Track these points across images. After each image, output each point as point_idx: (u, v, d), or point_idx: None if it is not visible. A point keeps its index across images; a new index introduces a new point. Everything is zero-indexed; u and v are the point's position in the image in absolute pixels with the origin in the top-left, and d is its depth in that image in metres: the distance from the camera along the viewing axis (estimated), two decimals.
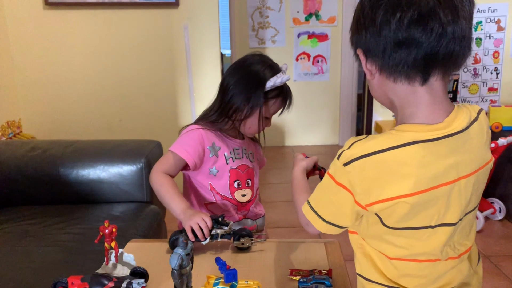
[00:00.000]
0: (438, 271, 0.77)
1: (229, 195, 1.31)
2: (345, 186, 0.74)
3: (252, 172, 1.36)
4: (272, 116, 1.30)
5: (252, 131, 1.29)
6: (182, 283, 0.87)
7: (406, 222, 0.73)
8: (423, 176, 0.70)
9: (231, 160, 1.31)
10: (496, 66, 3.17)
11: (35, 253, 1.43)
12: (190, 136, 1.26)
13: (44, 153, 1.88)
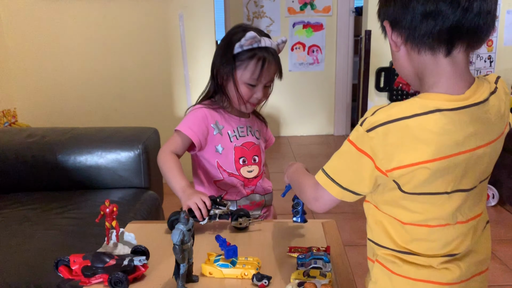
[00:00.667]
0: (448, 236, 0.79)
1: (236, 172, 1.33)
2: (366, 152, 0.75)
3: (259, 149, 1.38)
4: (258, 83, 1.26)
5: (239, 100, 1.28)
6: (183, 258, 0.88)
7: (424, 188, 0.76)
8: (444, 144, 0.73)
9: (235, 138, 1.33)
10: (489, 54, 3.20)
11: (35, 237, 1.44)
12: (194, 114, 1.30)
13: (42, 140, 1.88)
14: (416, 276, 0.80)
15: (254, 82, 1.26)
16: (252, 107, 1.33)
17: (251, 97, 1.29)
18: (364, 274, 0.84)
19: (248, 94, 1.28)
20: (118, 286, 0.91)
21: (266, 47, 1.25)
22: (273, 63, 1.26)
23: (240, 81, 1.27)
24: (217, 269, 0.96)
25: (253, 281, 0.93)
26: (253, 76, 1.25)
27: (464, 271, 0.81)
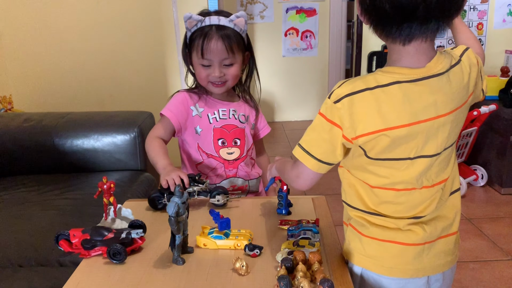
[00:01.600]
0: (413, 200, 0.85)
1: (215, 153, 1.35)
2: (335, 122, 0.81)
3: (242, 133, 1.38)
4: (210, 62, 1.27)
5: (202, 82, 1.32)
6: (178, 230, 0.93)
7: (387, 154, 0.81)
8: (403, 113, 0.78)
9: (214, 119, 1.35)
10: (480, 37, 3.24)
11: (33, 217, 1.48)
12: (175, 98, 1.37)
13: (38, 124, 1.92)
14: (383, 237, 0.87)
15: (204, 61, 1.27)
16: (218, 87, 1.32)
17: (209, 77, 1.29)
18: None
19: (204, 74, 1.29)
20: (117, 258, 0.96)
21: (211, 25, 1.25)
22: (218, 40, 1.24)
23: (195, 63, 1.30)
24: (211, 240, 1.01)
25: (245, 251, 0.97)
26: (198, 54, 1.26)
27: (428, 233, 0.87)
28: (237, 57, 1.30)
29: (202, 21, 1.26)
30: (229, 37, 1.26)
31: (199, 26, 1.26)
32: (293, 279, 0.84)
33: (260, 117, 1.48)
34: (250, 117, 1.43)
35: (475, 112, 2.58)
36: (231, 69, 1.30)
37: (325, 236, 1.06)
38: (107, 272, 0.93)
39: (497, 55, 3.24)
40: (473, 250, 2.16)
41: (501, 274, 1.96)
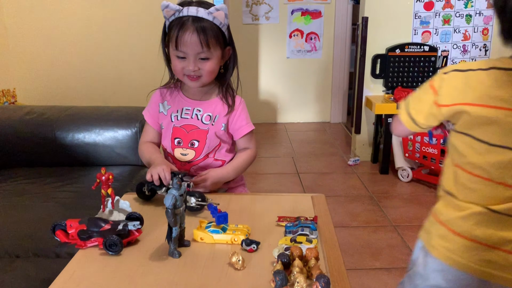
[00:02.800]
0: (489, 192, 0.89)
1: (171, 151, 1.34)
2: (434, 87, 0.93)
3: (203, 134, 1.31)
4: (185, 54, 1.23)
5: (178, 74, 1.30)
6: (175, 222, 0.92)
7: (468, 130, 0.89)
8: (488, 94, 0.86)
9: (175, 118, 1.33)
10: (485, 43, 3.23)
11: (33, 208, 1.48)
12: (152, 97, 1.40)
13: (40, 117, 1.92)
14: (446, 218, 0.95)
15: (179, 53, 1.24)
16: (192, 81, 1.27)
17: (184, 70, 1.25)
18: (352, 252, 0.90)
19: (179, 66, 1.26)
20: (113, 249, 0.95)
21: (188, 16, 1.20)
22: (194, 32, 1.19)
23: (171, 54, 1.28)
24: (208, 234, 1.00)
25: (242, 246, 0.97)
26: (173, 46, 1.23)
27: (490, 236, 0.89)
28: (214, 52, 1.25)
29: (180, 11, 1.21)
30: (205, 31, 1.20)
31: (176, 15, 1.22)
32: (289, 275, 0.84)
33: (238, 116, 1.35)
34: (220, 117, 1.33)
35: None
36: (207, 64, 1.25)
37: (323, 233, 1.05)
38: (102, 263, 0.92)
39: None
40: None
41: None
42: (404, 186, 2.99)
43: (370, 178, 3.15)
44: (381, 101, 3.15)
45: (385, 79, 3.26)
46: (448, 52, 3.23)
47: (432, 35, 3.22)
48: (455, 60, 3.26)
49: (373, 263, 2.07)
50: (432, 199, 2.75)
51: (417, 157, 2.91)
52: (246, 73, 4.47)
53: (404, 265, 2.05)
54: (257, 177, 3.18)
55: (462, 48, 3.24)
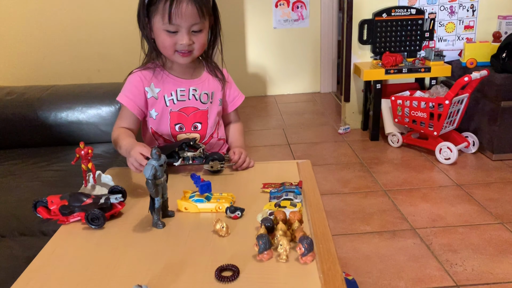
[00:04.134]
0: None
1: (172, 139, 1.27)
2: None
3: (204, 115, 1.27)
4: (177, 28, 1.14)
5: (167, 51, 1.19)
6: (157, 192, 0.91)
7: None
8: None
9: (171, 102, 1.24)
10: (472, 3, 3.18)
11: (18, 188, 1.46)
12: (129, 81, 1.24)
13: (21, 97, 1.88)
14: None
15: (170, 27, 1.14)
16: (184, 57, 1.19)
17: (176, 45, 1.16)
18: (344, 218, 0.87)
19: (170, 41, 1.16)
20: (95, 223, 0.94)
21: None
22: (189, 2, 1.11)
23: (159, 29, 1.16)
24: (192, 204, 0.99)
25: (226, 214, 0.96)
26: (164, 19, 1.13)
27: None
28: (206, 23, 1.18)
29: None
30: (203, 2, 1.13)
31: None
32: (273, 238, 0.83)
33: (229, 88, 1.33)
34: (216, 93, 1.29)
35: (466, 78, 2.56)
36: (200, 36, 1.17)
37: (308, 197, 1.04)
38: (85, 237, 0.91)
39: (489, 21, 3.19)
40: (463, 214, 2.16)
41: (490, 237, 1.97)
42: (394, 152, 3.00)
43: (360, 145, 3.15)
44: (369, 67, 3.12)
45: (373, 45, 3.22)
46: (435, 15, 3.19)
47: None
48: (442, 23, 3.22)
49: (365, 228, 2.09)
50: (422, 162, 2.76)
51: (407, 121, 2.91)
52: (233, 45, 4.40)
53: (395, 228, 2.07)
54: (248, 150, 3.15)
55: (449, 10, 3.19)
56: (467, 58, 2.90)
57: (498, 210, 2.19)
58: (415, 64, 3.05)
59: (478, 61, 2.89)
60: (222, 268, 0.76)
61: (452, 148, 2.69)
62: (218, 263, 0.78)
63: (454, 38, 3.25)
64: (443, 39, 3.25)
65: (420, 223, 2.11)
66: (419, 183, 2.51)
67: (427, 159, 2.82)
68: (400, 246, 1.94)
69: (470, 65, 2.90)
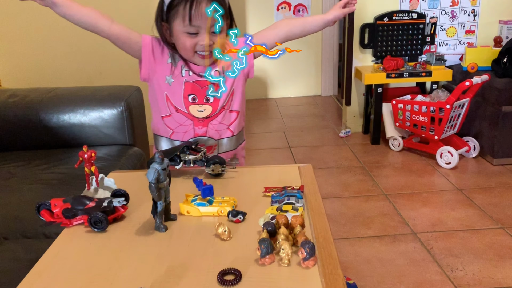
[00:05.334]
0: None
1: (184, 109, 1.27)
2: None
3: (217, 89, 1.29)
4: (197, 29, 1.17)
5: (187, 53, 1.22)
6: (159, 196, 0.92)
7: None
8: None
9: (187, 73, 1.25)
10: (473, 8, 3.19)
11: (20, 190, 1.47)
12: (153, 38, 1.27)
13: (24, 100, 1.89)
14: None
15: (191, 28, 1.17)
16: (204, 59, 1.22)
17: (196, 46, 1.19)
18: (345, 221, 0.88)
19: (190, 43, 1.19)
20: (98, 226, 0.94)
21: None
22: (208, 3, 1.14)
23: (179, 32, 1.19)
24: (194, 207, 1.00)
25: (228, 218, 0.96)
26: (185, 21, 1.16)
27: None
28: (224, 24, 1.20)
29: None
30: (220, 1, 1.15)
31: None
32: (275, 243, 0.84)
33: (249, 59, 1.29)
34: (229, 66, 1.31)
35: (467, 82, 2.56)
36: (219, 38, 1.20)
37: (309, 201, 1.04)
38: (88, 240, 0.92)
39: (490, 25, 3.20)
40: (463, 219, 2.17)
41: (491, 242, 1.97)
42: (395, 155, 3.00)
43: (361, 149, 3.16)
44: (370, 71, 3.12)
45: (374, 49, 3.23)
46: (437, 19, 3.20)
47: (420, 1, 3.17)
48: (443, 27, 3.23)
49: (366, 231, 2.09)
50: (423, 167, 2.77)
51: (408, 125, 2.91)
52: None
53: (396, 232, 2.08)
54: (249, 153, 3.17)
55: (450, 14, 3.20)
56: (468, 62, 2.91)
57: (499, 215, 2.19)
58: (416, 68, 3.06)
59: (479, 66, 2.89)
60: (224, 272, 0.77)
61: (453, 153, 2.70)
62: (220, 267, 0.78)
63: (455, 43, 3.26)
64: (444, 43, 3.26)
65: (420, 227, 2.11)
66: (420, 187, 2.52)
67: (428, 163, 2.82)
68: (400, 250, 1.94)
69: (471, 69, 2.90)
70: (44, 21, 2.97)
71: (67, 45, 3.04)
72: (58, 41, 3.03)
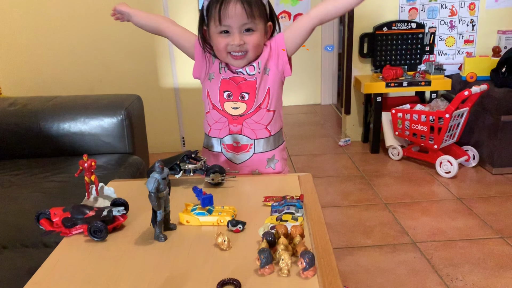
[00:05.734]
0: None
1: (219, 106, 1.29)
2: None
3: (252, 85, 1.27)
4: (228, 28, 1.20)
5: (221, 54, 1.24)
6: (159, 206, 0.92)
7: None
8: None
9: (223, 69, 1.28)
10: (472, 18, 3.21)
11: (19, 199, 1.47)
12: None
13: (24, 108, 1.89)
14: None
15: (222, 28, 1.20)
16: (238, 60, 1.24)
17: (228, 46, 1.21)
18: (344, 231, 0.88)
19: (223, 43, 1.21)
20: (98, 235, 0.95)
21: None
22: (237, 2, 1.17)
23: (214, 33, 1.23)
24: (194, 217, 1.00)
25: (228, 227, 0.96)
26: (216, 22, 1.19)
27: None
28: (259, 24, 1.21)
29: None
30: (249, 1, 1.18)
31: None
32: (275, 253, 0.84)
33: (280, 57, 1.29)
34: (263, 62, 1.27)
35: (466, 92, 2.57)
36: (252, 37, 1.20)
37: (309, 211, 1.05)
38: (87, 249, 0.92)
39: (489, 35, 3.22)
40: (463, 228, 2.16)
41: (491, 252, 1.97)
42: (395, 164, 3.00)
43: (361, 157, 3.16)
44: (369, 80, 3.14)
45: (373, 58, 3.25)
46: (436, 29, 3.22)
47: (419, 11, 3.20)
48: (442, 37, 3.25)
49: (365, 241, 2.09)
50: (422, 176, 2.77)
51: (407, 134, 2.92)
52: None
53: (396, 242, 2.07)
54: None
55: (449, 24, 3.22)
56: (467, 72, 2.92)
57: (499, 224, 2.19)
58: (416, 77, 3.08)
59: (478, 75, 2.91)
60: (223, 282, 0.77)
61: (452, 162, 2.70)
62: (220, 277, 0.78)
63: (454, 52, 3.28)
64: (443, 53, 3.27)
65: (420, 236, 2.11)
66: (419, 197, 2.51)
67: (428, 173, 2.83)
68: (400, 259, 1.93)
69: (470, 79, 2.92)
70: (44, 32, 2.99)
71: (68, 53, 3.06)
72: (59, 50, 3.04)
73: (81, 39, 3.05)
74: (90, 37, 3.06)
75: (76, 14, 3.00)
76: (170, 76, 3.19)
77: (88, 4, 2.99)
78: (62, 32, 3.02)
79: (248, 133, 1.30)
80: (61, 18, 2.99)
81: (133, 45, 3.11)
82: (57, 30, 3.01)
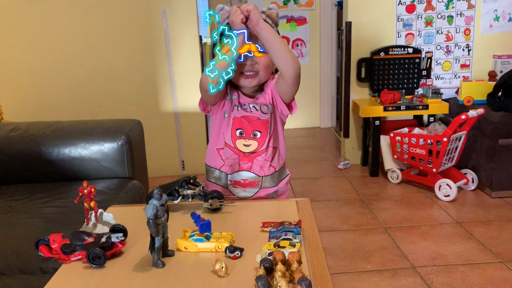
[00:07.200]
0: None
1: (231, 143, 1.31)
2: None
3: (264, 125, 1.31)
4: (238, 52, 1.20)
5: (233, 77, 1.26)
6: (157, 232, 0.92)
7: None
8: None
9: (236, 108, 1.31)
10: (467, 43, 3.27)
11: (19, 225, 1.47)
12: None
13: (25, 133, 1.91)
14: None
15: None
16: (249, 79, 1.26)
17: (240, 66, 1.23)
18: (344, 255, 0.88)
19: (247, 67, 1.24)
20: (96, 262, 0.95)
21: None
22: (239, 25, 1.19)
23: None
24: (192, 243, 1.00)
25: (226, 253, 0.97)
26: None
27: None
28: None
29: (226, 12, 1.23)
30: None
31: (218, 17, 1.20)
32: (272, 279, 0.84)
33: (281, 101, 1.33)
34: (277, 100, 1.31)
35: (464, 116, 2.60)
36: (263, 58, 1.23)
37: (307, 237, 1.05)
38: (85, 276, 0.92)
39: (484, 60, 3.27)
40: (463, 253, 2.16)
41: (491, 277, 1.95)
42: (394, 188, 3.01)
43: (360, 181, 3.16)
44: (367, 104, 3.17)
45: (371, 83, 3.29)
46: (432, 53, 3.27)
47: (416, 37, 3.25)
48: (439, 61, 3.29)
49: (365, 266, 2.08)
50: (422, 199, 2.77)
51: (406, 158, 2.93)
52: None
53: (396, 267, 2.06)
54: None
55: (445, 49, 3.28)
56: (464, 96, 2.96)
57: (499, 249, 2.18)
58: (413, 101, 3.11)
59: (475, 99, 2.94)
60: None
61: (451, 185, 2.70)
62: None
63: (451, 76, 3.32)
64: (440, 77, 3.32)
65: (420, 261, 2.10)
66: (419, 220, 2.51)
67: (427, 196, 2.83)
68: (400, 285, 1.92)
69: (467, 103, 2.95)
70: (45, 57, 3.04)
71: (69, 79, 3.10)
72: (60, 75, 3.09)
73: (82, 64, 3.10)
74: (91, 62, 3.10)
75: (78, 39, 3.05)
76: (170, 100, 3.23)
77: (90, 29, 3.04)
78: (63, 57, 3.07)
79: (257, 170, 1.34)
80: (63, 43, 3.04)
81: (133, 70, 3.16)
82: (59, 55, 3.06)
